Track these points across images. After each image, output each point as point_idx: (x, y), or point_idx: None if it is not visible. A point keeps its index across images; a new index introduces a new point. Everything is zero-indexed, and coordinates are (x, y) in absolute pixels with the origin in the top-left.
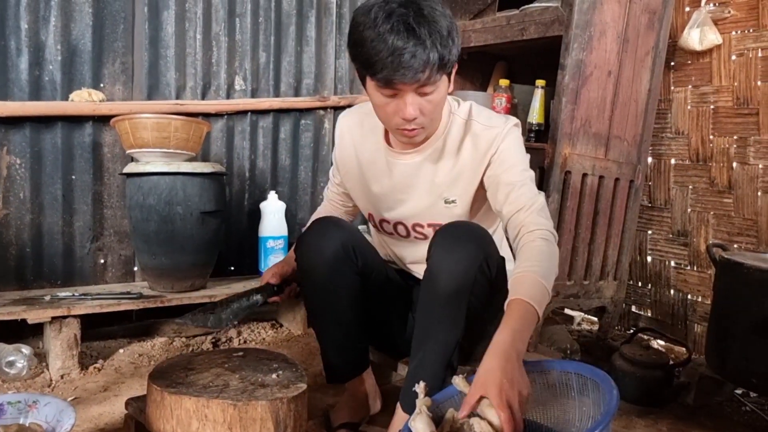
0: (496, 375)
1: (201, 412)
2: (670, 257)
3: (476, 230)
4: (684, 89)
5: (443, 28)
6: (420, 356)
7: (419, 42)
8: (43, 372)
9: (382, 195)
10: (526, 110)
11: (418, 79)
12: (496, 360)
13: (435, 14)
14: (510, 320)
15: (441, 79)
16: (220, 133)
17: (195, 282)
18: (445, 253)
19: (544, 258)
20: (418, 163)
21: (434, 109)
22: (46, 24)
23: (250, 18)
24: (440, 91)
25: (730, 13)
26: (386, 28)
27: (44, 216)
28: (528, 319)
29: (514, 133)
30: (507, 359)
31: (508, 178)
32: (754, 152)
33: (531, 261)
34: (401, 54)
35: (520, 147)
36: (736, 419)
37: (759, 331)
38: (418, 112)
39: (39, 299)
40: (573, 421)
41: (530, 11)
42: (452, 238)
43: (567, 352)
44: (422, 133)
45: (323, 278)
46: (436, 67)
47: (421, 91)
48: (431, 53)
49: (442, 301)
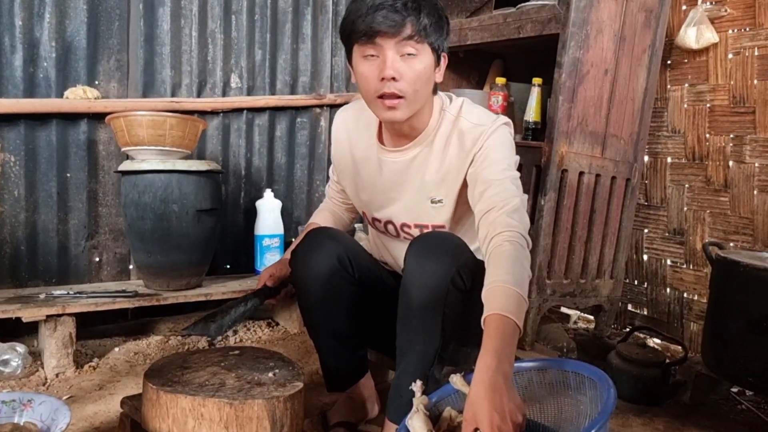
0: (485, 408)
1: (197, 410)
2: (666, 256)
3: (448, 241)
4: (680, 88)
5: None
6: (401, 367)
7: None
8: (38, 370)
9: (373, 193)
10: (522, 108)
11: (399, 31)
12: (483, 390)
13: None
14: (491, 340)
15: (424, 49)
16: (216, 131)
17: (191, 280)
18: (417, 266)
19: (514, 264)
20: (407, 160)
21: (415, 78)
22: (41, 21)
23: (245, 15)
24: (423, 60)
25: (727, 11)
26: None
27: (39, 214)
28: (508, 334)
29: (502, 131)
30: (494, 388)
31: (486, 176)
32: (750, 151)
33: (501, 269)
34: (383, 4)
35: (506, 146)
36: (732, 417)
37: (755, 329)
38: (398, 73)
39: (34, 297)
40: (570, 419)
41: (527, 9)
42: (424, 250)
43: (563, 350)
44: (404, 107)
45: (320, 295)
46: (417, 27)
47: (402, 50)
48: (410, 12)
49: (416, 313)
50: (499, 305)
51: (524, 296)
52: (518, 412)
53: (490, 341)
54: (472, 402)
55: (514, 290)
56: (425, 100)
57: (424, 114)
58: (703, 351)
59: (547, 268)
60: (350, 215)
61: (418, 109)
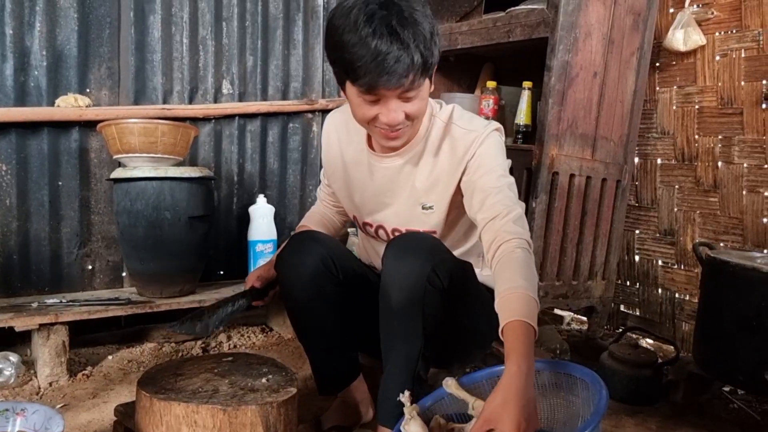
0: (514, 413)
1: (190, 417)
2: (657, 256)
3: (424, 241)
4: (669, 89)
5: (426, 30)
6: (387, 369)
7: (403, 46)
8: (32, 379)
9: (364, 198)
10: (513, 112)
11: (402, 84)
12: (514, 394)
13: (417, 15)
14: (519, 345)
15: (425, 83)
16: (208, 138)
17: (184, 287)
18: (393, 267)
19: (527, 269)
20: (398, 166)
21: (418, 111)
22: (31, 29)
23: (236, 22)
24: (423, 94)
25: (714, 14)
26: (368, 31)
27: (31, 222)
28: (531, 340)
29: (494, 137)
30: (524, 395)
31: (484, 184)
32: (739, 151)
33: (516, 274)
34: (385, 59)
35: (500, 152)
36: (724, 416)
37: (745, 328)
38: (402, 116)
39: (26, 306)
40: (563, 420)
41: (516, 13)
42: (400, 251)
43: (556, 352)
44: (404, 136)
45: (304, 296)
46: (420, 71)
47: (404, 96)
48: (415, 57)
49: (396, 314)
50: (520, 311)
51: (537, 301)
52: (536, 424)
53: (518, 346)
54: (500, 402)
55: (531, 296)
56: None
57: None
58: (695, 351)
59: (540, 270)
60: (341, 218)
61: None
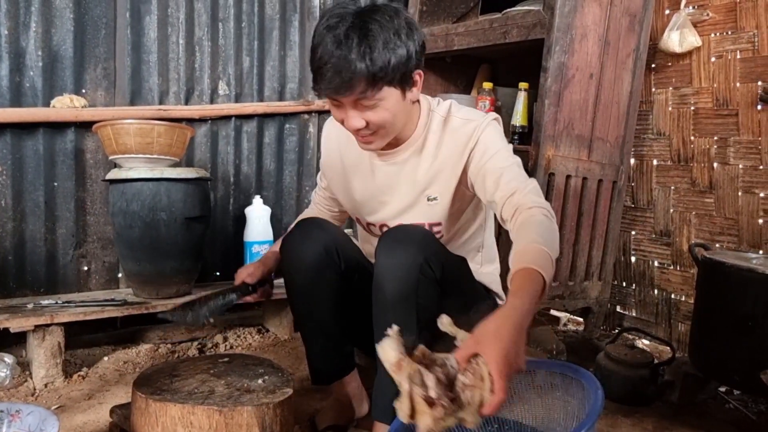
0: (504, 341)
1: (186, 418)
2: (653, 257)
3: (416, 233)
4: (665, 91)
5: (377, 40)
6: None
7: (341, 57)
8: (27, 381)
9: (366, 198)
10: (509, 113)
11: (344, 93)
12: (508, 323)
13: (375, 28)
14: (526, 286)
15: (383, 92)
16: (204, 139)
17: (180, 288)
18: (386, 258)
19: (546, 231)
20: (399, 164)
21: (383, 120)
22: (27, 30)
23: (233, 23)
24: (386, 103)
25: (709, 15)
26: (322, 40)
27: (26, 223)
28: (536, 285)
29: (494, 125)
30: (519, 327)
31: (493, 165)
32: (734, 152)
33: (534, 233)
34: (324, 67)
35: (501, 137)
36: (720, 417)
37: (741, 329)
38: (362, 123)
39: (22, 307)
40: (558, 421)
41: (512, 14)
42: (392, 242)
43: (553, 352)
44: (378, 140)
45: (306, 281)
46: (366, 82)
47: (360, 104)
48: (358, 66)
49: (389, 306)
50: (533, 261)
51: (553, 261)
52: (523, 363)
53: (524, 285)
54: (493, 328)
55: (545, 250)
56: (405, 121)
57: (409, 124)
58: (691, 351)
59: None
60: (336, 224)
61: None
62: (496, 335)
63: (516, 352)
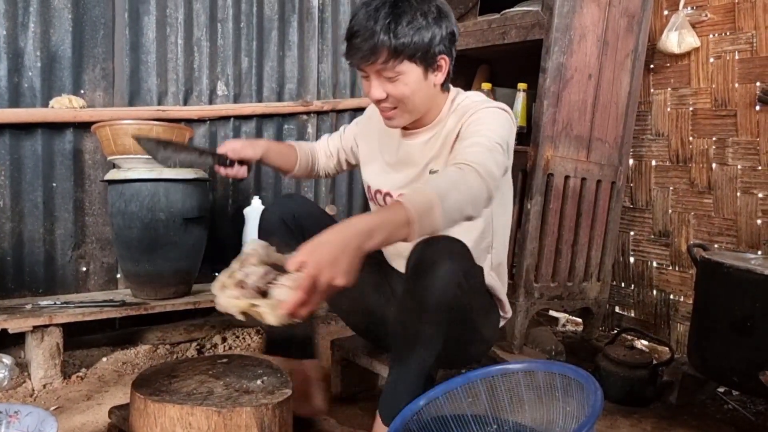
0: (326, 249)
1: (185, 419)
2: (652, 258)
3: (454, 243)
4: (663, 91)
5: (403, 18)
6: (399, 369)
7: (368, 28)
8: (25, 382)
9: (383, 169)
10: None
11: (368, 61)
12: (338, 236)
13: (405, 5)
14: (381, 212)
15: (404, 65)
16: (203, 139)
17: (179, 288)
18: (424, 270)
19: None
20: (419, 144)
21: (402, 94)
22: (25, 30)
23: (231, 23)
24: (407, 78)
25: (707, 16)
26: (358, 11)
27: (25, 224)
28: (395, 218)
29: (497, 111)
30: (348, 242)
31: (467, 138)
32: (733, 153)
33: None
34: (351, 37)
35: (497, 123)
36: (718, 417)
37: (739, 329)
38: (383, 94)
39: (20, 308)
40: (557, 422)
41: (511, 15)
42: (431, 253)
43: (552, 353)
44: (399, 116)
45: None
46: (388, 53)
47: (383, 75)
48: (382, 38)
49: (421, 318)
50: (406, 197)
51: (439, 209)
52: (343, 278)
53: (375, 214)
54: (319, 240)
55: (429, 193)
56: (427, 104)
57: (434, 109)
58: (690, 352)
59: (535, 272)
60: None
61: (423, 111)
62: (320, 243)
63: (336, 262)
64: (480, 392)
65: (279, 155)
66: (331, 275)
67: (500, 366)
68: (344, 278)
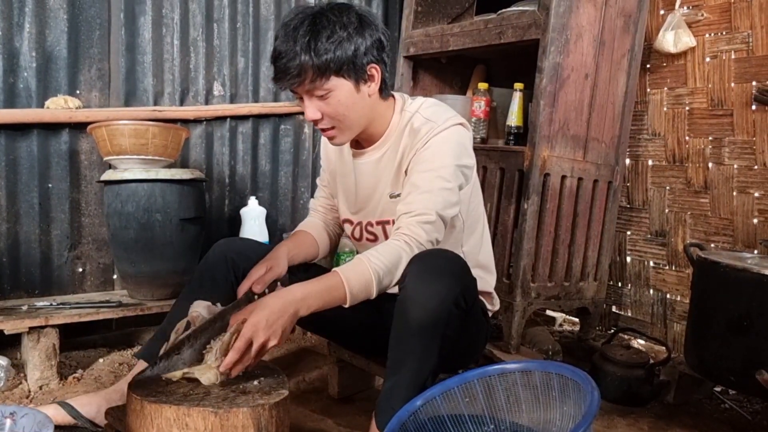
0: (265, 311)
1: (182, 420)
2: (648, 257)
3: (454, 261)
4: (660, 91)
5: (322, 34)
6: (394, 381)
7: (289, 50)
8: (22, 383)
9: (349, 197)
10: (505, 113)
11: (294, 83)
12: (279, 300)
13: (322, 20)
14: (314, 282)
15: (332, 82)
16: (199, 139)
17: (175, 289)
18: (421, 285)
19: (390, 257)
20: (373, 162)
21: (336, 111)
22: (21, 30)
23: (228, 23)
24: (339, 94)
25: (704, 15)
26: (278, 34)
27: (20, 225)
28: (332, 290)
29: (453, 131)
30: (287, 307)
31: (416, 180)
32: (729, 153)
33: (375, 252)
34: (276, 60)
35: (451, 147)
36: (715, 416)
37: (736, 329)
38: (318, 114)
39: (16, 309)
40: (554, 421)
41: (507, 15)
42: (427, 269)
43: (548, 353)
44: (340, 134)
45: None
46: (312, 72)
47: (314, 94)
48: (303, 58)
49: (415, 332)
50: (348, 270)
51: (375, 285)
52: (275, 339)
53: (318, 283)
54: (263, 303)
55: (370, 270)
56: (367, 116)
57: (379, 121)
58: (686, 351)
59: (532, 272)
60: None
61: (365, 125)
62: (261, 304)
63: (273, 324)
64: (477, 392)
65: (300, 250)
66: (266, 337)
67: (497, 366)
68: (277, 339)
